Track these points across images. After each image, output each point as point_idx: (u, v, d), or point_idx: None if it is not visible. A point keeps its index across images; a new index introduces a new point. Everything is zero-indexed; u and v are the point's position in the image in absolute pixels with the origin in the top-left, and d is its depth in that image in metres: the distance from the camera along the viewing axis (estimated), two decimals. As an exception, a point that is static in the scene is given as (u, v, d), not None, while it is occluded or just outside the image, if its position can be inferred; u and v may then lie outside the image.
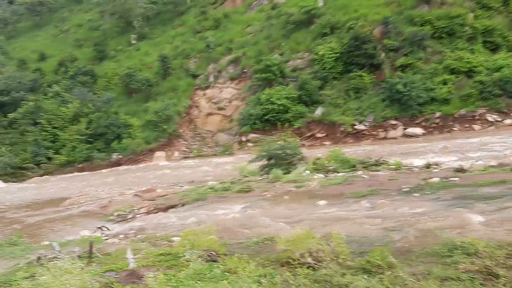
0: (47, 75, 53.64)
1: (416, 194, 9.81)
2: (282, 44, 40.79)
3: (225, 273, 5.14)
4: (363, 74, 34.98)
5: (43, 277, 5.00)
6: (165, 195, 15.12)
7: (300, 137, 32.61)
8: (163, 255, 6.22)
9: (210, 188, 12.26)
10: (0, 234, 15.00)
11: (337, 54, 36.52)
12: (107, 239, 8.65)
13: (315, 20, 41.18)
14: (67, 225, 15.19)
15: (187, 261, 5.63)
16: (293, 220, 8.55)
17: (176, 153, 39.35)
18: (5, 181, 39.26)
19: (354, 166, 15.58)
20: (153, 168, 32.94)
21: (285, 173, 15.35)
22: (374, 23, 37.78)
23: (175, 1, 57.68)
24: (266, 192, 11.64)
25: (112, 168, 37.46)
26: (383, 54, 35.93)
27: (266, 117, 35.19)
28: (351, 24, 37.89)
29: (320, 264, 5.44)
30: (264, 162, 18.28)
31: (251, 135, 35.87)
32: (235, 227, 7.99)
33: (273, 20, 44.93)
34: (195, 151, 39.77)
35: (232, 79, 43.01)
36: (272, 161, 17.71)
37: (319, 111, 34.96)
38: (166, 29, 55.67)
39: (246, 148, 35.81)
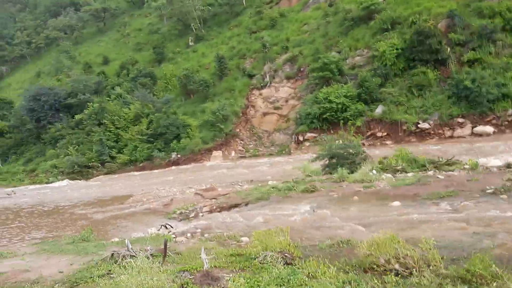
0: (110, 78, 56.06)
1: (503, 196, 8.88)
2: (340, 41, 39.75)
3: (305, 278, 4.74)
4: (427, 70, 33.19)
5: (121, 276, 4.86)
6: (226, 194, 14.99)
7: (359, 136, 31.46)
8: (234, 255, 5.94)
9: (273, 188, 11.91)
10: (71, 230, 15.58)
11: (399, 50, 34.91)
12: (175, 237, 8.55)
13: (374, 15, 39.74)
14: (132, 222, 15.48)
15: (261, 263, 5.30)
16: (367, 222, 7.99)
17: (233, 153, 39.50)
18: (72, 179, 41.40)
19: (424, 166, 14.62)
20: (211, 167, 33.21)
21: (349, 173, 14.72)
22: (439, 17, 35.79)
23: (231, 2, 58.14)
24: (332, 192, 11.08)
25: (171, 167, 38.26)
26: (448, 49, 33.88)
27: (324, 116, 34.38)
28: (414, 19, 36.13)
29: (409, 271, 4.89)
30: (325, 161, 17.73)
31: (308, 135, 35.24)
32: (305, 228, 7.57)
33: (330, 18, 43.95)
34: (251, 150, 39.73)
35: (288, 78, 42.56)
36: (334, 161, 17.09)
37: (379, 109, 33.65)
38: (222, 30, 56.27)
39: (303, 147, 35.27)
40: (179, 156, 39.31)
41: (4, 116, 56.74)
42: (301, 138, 35.72)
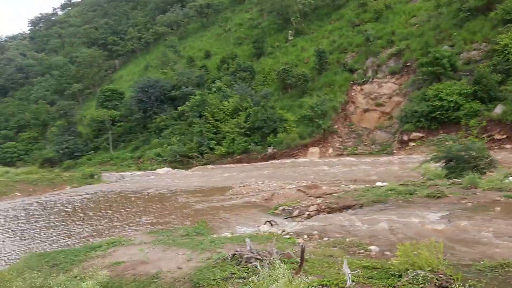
0: (211, 72, 57.81)
1: None
2: (454, 34, 36.38)
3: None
4: (560, 66, 29.01)
5: (250, 284, 4.38)
6: (332, 193, 14.16)
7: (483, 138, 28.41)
8: (370, 268, 5.17)
9: (390, 190, 10.83)
10: (176, 217, 15.90)
11: (525, 43, 30.98)
12: (288, 237, 7.97)
13: (495, 6, 35.77)
14: (234, 215, 15.34)
15: (410, 283, 4.46)
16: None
17: (331, 150, 38.37)
18: (173, 167, 43.38)
19: None
20: (309, 163, 32.46)
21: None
22: None
23: (333, -5, 56.66)
24: (465, 200, 9.68)
25: (268, 162, 38.26)
26: None
27: (433, 114, 31.76)
28: (545, 8, 31.81)
29: None
30: (441, 164, 16.03)
31: (414, 134, 32.85)
32: (447, 242, 6.52)
33: (443, 9, 40.56)
34: (349, 148, 38.27)
35: (392, 73, 40.18)
36: (452, 164, 15.35)
37: (499, 109, 30.15)
38: (323, 24, 54.96)
39: (407, 147, 32.98)
40: (275, 150, 39.18)
41: (116, 106, 61.39)
42: (405, 138, 33.42)
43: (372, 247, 6.41)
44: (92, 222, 16.77)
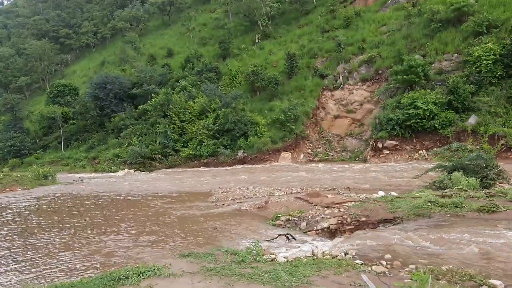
0: (174, 71, 55.50)
1: None
2: (427, 44, 36.72)
3: None
4: (530, 80, 29.78)
5: None
6: (342, 202, 12.92)
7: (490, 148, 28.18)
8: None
9: (430, 202, 9.68)
10: (166, 226, 14.03)
11: (496, 56, 31.62)
12: (357, 262, 6.41)
13: (466, 18, 36.56)
14: (230, 225, 13.73)
15: None
16: None
17: (302, 155, 37.45)
18: (135, 169, 40.80)
19: None
20: (285, 169, 31.28)
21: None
22: (543, 22, 32.22)
23: (301, 0, 56.22)
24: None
25: (237, 166, 36.75)
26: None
27: (408, 122, 31.61)
28: (514, 23, 32.70)
29: None
30: (443, 173, 15.31)
31: (389, 142, 32.56)
32: None
33: (413, 19, 41.02)
34: (320, 154, 37.54)
35: (364, 80, 40.04)
36: (456, 173, 14.62)
37: (472, 119, 30.49)
38: (291, 28, 54.38)
39: (381, 155, 32.65)
40: (245, 154, 37.72)
41: (69, 103, 57.51)
42: (379, 145, 33.07)
43: (494, 281, 5.10)
44: (63, 232, 14.51)
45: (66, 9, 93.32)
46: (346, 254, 6.97)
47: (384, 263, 6.32)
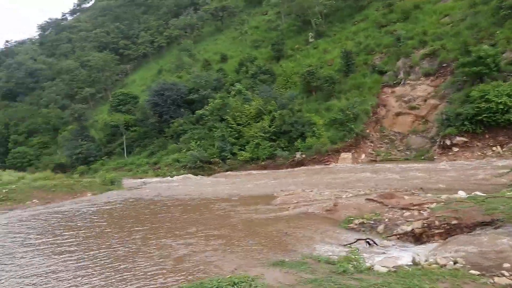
0: (229, 75, 55.94)
1: None
2: (496, 32, 34.25)
3: None
4: None
5: None
6: (421, 204, 12.01)
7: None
8: None
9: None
10: (232, 231, 13.79)
11: None
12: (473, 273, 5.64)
13: (540, 2, 33.76)
14: (299, 229, 13.22)
15: None
16: None
17: (363, 155, 36.21)
18: (194, 174, 41.32)
19: None
20: (345, 170, 30.30)
21: None
22: None
23: (355, -4, 54.85)
24: None
25: (295, 168, 36.15)
26: None
27: (479, 117, 29.51)
28: None
29: None
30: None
31: (458, 138, 30.59)
32: None
33: (479, 7, 38.47)
34: (382, 154, 36.09)
35: (427, 75, 38.07)
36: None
37: (553, 112, 27.93)
38: (346, 25, 53.02)
39: (450, 153, 30.74)
40: (303, 156, 37.04)
41: (130, 110, 59.60)
42: (448, 143, 31.16)
43: None
44: (133, 236, 14.69)
45: (124, 21, 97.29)
46: (455, 262, 6.23)
47: (507, 273, 5.54)
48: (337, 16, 56.39)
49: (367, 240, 9.94)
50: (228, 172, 39.80)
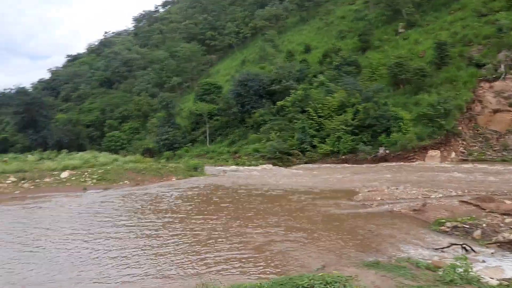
0: (312, 66, 55.18)
1: None
2: None
3: None
4: None
5: None
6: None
7: None
8: None
9: None
10: (310, 224, 13.55)
11: None
12: None
13: None
14: (383, 228, 12.60)
15: None
16: None
17: (453, 154, 33.83)
18: (273, 164, 41.49)
19: None
20: (435, 169, 28.50)
21: None
22: None
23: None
24: None
25: (378, 164, 34.77)
26: None
27: None
28: None
29: None
30: None
31: None
32: None
33: None
34: (475, 153, 33.43)
35: (532, 69, 34.40)
36: None
37: None
38: (441, 14, 49.61)
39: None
40: (387, 151, 35.49)
41: (213, 100, 61.29)
42: (555, 145, 27.96)
43: None
44: (214, 221, 15.05)
45: (212, 12, 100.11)
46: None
47: None
48: (431, 4, 52.98)
49: (464, 245, 9.13)
50: (306, 165, 39.42)
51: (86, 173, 28.61)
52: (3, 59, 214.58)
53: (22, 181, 26.71)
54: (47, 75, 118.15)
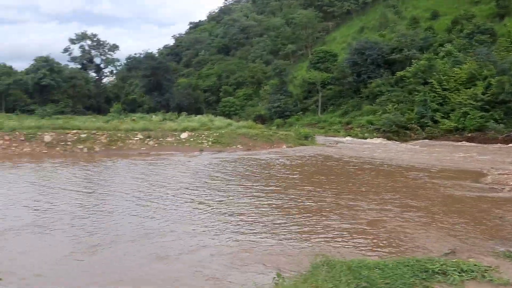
0: (438, 34, 50.63)
1: None
2: None
3: None
4: None
5: None
6: None
7: None
8: None
9: None
10: (432, 205, 12.58)
11: None
12: None
13: None
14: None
15: None
16: None
17: None
18: (388, 138, 39.57)
19: None
20: None
21: None
22: None
23: None
24: None
25: (510, 144, 31.07)
26: None
27: None
28: None
29: None
30: None
31: None
32: None
33: None
34: None
35: None
36: None
37: None
38: None
39: None
40: (523, 132, 31.46)
41: (328, 69, 59.90)
42: None
43: None
44: (324, 193, 14.82)
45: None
46: None
47: None
48: None
49: None
50: (425, 141, 36.83)
51: (203, 135, 30.25)
52: (134, 26, 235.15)
53: (148, 139, 29.24)
54: (171, 42, 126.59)
